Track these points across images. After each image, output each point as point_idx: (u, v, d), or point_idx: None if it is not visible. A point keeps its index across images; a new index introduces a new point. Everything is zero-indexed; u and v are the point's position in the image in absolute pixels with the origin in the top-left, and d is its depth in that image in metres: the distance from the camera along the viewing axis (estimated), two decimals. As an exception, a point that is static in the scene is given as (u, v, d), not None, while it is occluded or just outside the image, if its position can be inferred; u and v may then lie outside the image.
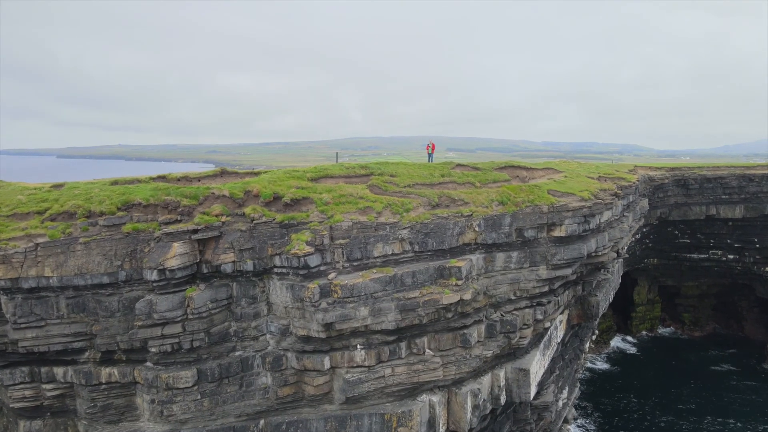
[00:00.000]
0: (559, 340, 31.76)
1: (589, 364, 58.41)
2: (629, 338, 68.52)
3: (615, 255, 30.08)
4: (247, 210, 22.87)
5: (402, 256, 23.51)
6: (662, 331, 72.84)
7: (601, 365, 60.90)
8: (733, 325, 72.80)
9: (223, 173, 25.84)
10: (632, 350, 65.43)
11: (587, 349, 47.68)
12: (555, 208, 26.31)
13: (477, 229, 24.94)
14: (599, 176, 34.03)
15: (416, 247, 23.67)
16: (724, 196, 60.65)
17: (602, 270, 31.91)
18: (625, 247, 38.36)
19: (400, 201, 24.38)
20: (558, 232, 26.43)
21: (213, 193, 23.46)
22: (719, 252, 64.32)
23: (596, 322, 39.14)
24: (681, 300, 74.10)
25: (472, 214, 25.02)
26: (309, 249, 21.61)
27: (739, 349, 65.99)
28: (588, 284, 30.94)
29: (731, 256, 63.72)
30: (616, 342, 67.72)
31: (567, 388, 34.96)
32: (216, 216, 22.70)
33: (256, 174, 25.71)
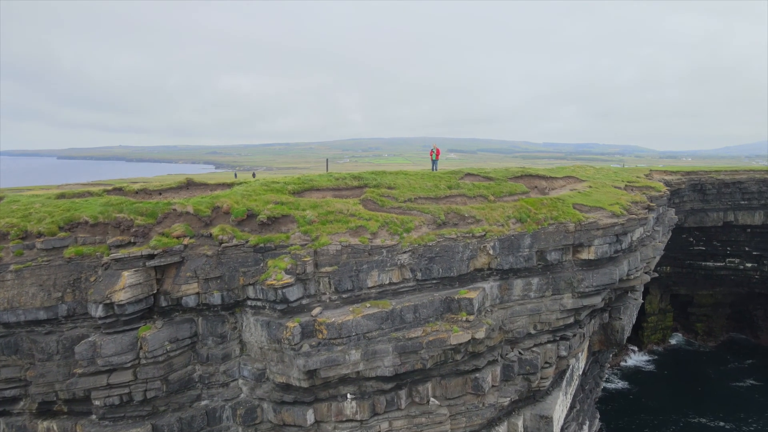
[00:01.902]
0: (580, 372, 27.90)
1: (604, 384, 54.58)
2: (644, 354, 64.80)
3: (648, 278, 26.17)
4: (215, 230, 19.10)
5: (401, 285, 19.76)
6: (675, 341, 69.23)
7: (617, 383, 57.12)
8: (748, 335, 69.67)
9: (189, 185, 21.88)
10: (649, 367, 61.61)
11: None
12: (583, 226, 22.29)
13: (491, 252, 21.02)
14: (626, 185, 29.96)
15: (419, 275, 19.90)
16: (743, 202, 57.52)
17: (629, 293, 27.96)
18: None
19: (399, 219, 20.52)
20: (586, 255, 22.43)
21: (174, 210, 19.65)
22: (736, 260, 61.44)
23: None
24: (694, 309, 70.94)
25: (485, 234, 21.13)
26: (288, 279, 17.89)
27: (758, 360, 62.79)
28: (615, 310, 26.97)
29: (749, 264, 60.78)
30: (632, 357, 63.98)
31: (587, 422, 31.09)
32: (177, 238, 19.03)
33: (229, 186, 21.76)
